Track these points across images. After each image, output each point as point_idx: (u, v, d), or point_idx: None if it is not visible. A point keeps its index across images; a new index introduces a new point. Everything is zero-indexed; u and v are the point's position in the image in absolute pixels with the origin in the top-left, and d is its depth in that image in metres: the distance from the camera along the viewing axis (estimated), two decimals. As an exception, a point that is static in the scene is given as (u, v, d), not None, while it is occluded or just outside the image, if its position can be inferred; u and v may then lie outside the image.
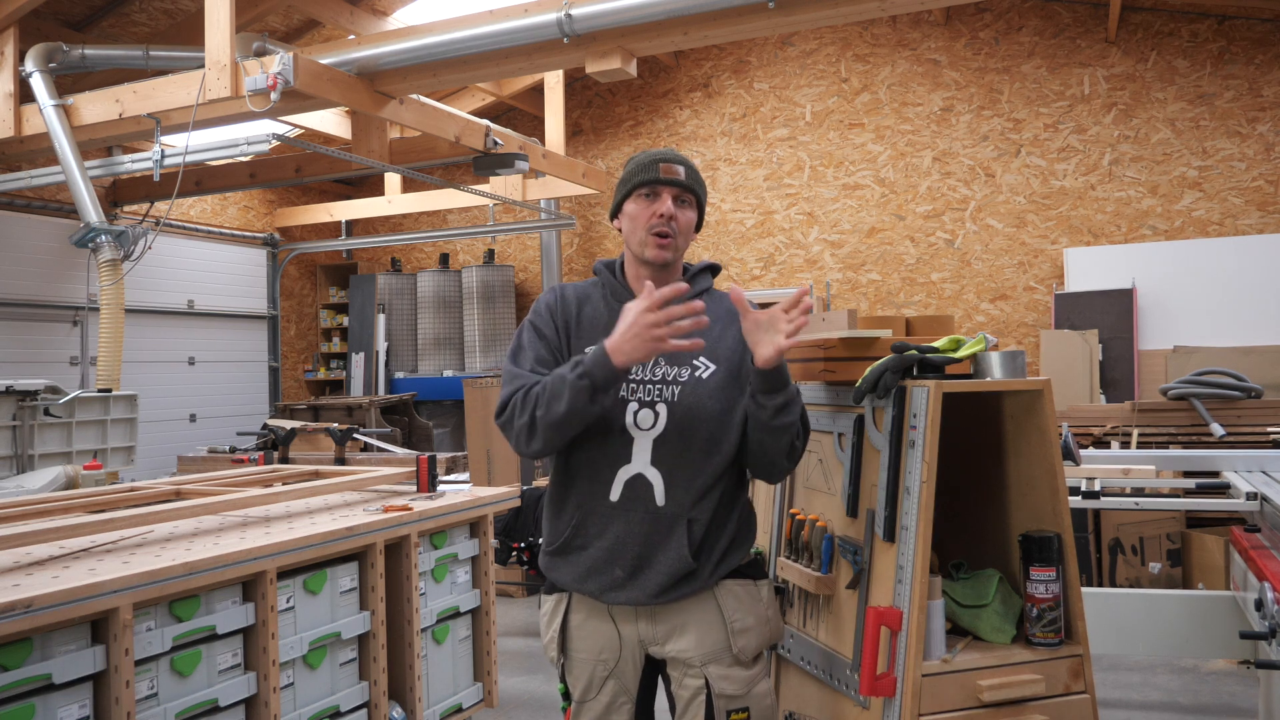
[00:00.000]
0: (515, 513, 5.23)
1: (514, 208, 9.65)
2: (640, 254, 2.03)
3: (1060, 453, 2.09)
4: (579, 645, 2.05)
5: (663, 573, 1.95)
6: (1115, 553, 5.48)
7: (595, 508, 1.99)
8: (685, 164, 2.04)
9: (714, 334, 2.03)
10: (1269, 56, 7.59)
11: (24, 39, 6.48)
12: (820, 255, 8.94)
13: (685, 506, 1.96)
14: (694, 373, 1.99)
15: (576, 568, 2.01)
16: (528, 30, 5.50)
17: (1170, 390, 5.69)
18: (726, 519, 2.03)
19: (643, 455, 1.97)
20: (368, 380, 10.11)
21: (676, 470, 1.97)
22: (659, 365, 2.00)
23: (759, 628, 2.04)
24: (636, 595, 1.96)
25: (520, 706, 4.29)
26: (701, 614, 2.00)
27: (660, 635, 2.01)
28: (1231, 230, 7.64)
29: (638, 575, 1.96)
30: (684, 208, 2.03)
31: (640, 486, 1.96)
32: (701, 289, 2.13)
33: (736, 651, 1.99)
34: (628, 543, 1.96)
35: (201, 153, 6.79)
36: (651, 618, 2.00)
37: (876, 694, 1.94)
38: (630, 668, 2.03)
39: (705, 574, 1.99)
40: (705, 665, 1.98)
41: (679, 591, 1.97)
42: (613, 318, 1.94)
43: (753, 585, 2.06)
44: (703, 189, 2.09)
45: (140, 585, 2.23)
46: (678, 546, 1.95)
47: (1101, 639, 3.51)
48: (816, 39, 8.97)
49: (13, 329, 7.75)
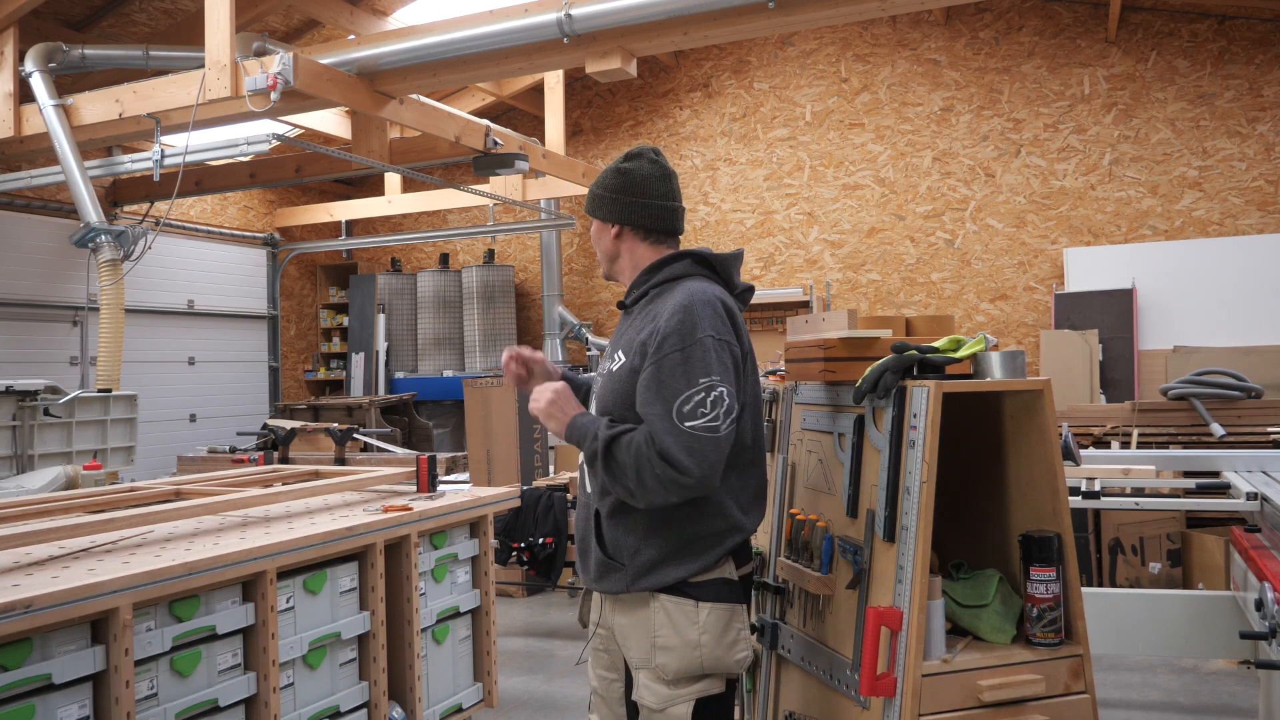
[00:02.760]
0: (515, 513, 5.23)
1: (514, 208, 9.65)
2: None
3: (1060, 453, 2.08)
4: (591, 617, 2.23)
5: (593, 560, 2.07)
6: (1115, 553, 5.48)
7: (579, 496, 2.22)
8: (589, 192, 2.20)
9: (636, 327, 2.05)
10: (1269, 56, 7.59)
11: (24, 39, 6.48)
12: (820, 255, 8.94)
13: (595, 497, 2.08)
14: (609, 365, 2.09)
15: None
16: (528, 30, 5.50)
17: (1170, 390, 5.69)
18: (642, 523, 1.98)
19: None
20: (368, 380, 10.11)
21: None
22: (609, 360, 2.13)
23: (684, 651, 1.94)
24: (587, 580, 2.12)
25: (520, 706, 4.29)
26: (638, 620, 2.02)
27: (615, 628, 2.09)
28: (1231, 230, 7.64)
29: (584, 560, 2.12)
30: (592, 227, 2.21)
31: (585, 476, 2.14)
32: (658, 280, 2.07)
33: (655, 667, 1.98)
34: (578, 528, 2.16)
35: (201, 153, 6.79)
36: (612, 609, 2.09)
37: (876, 694, 1.94)
38: (615, 647, 2.13)
39: (629, 575, 2.00)
40: (637, 670, 2.04)
41: (607, 584, 2.04)
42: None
43: (692, 606, 1.96)
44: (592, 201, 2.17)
45: (140, 585, 2.23)
46: (594, 535, 2.06)
47: (1101, 639, 3.51)
48: (816, 39, 8.97)
49: (13, 329, 7.74)
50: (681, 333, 1.91)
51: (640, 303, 2.10)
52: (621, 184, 2.12)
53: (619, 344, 2.10)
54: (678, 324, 1.91)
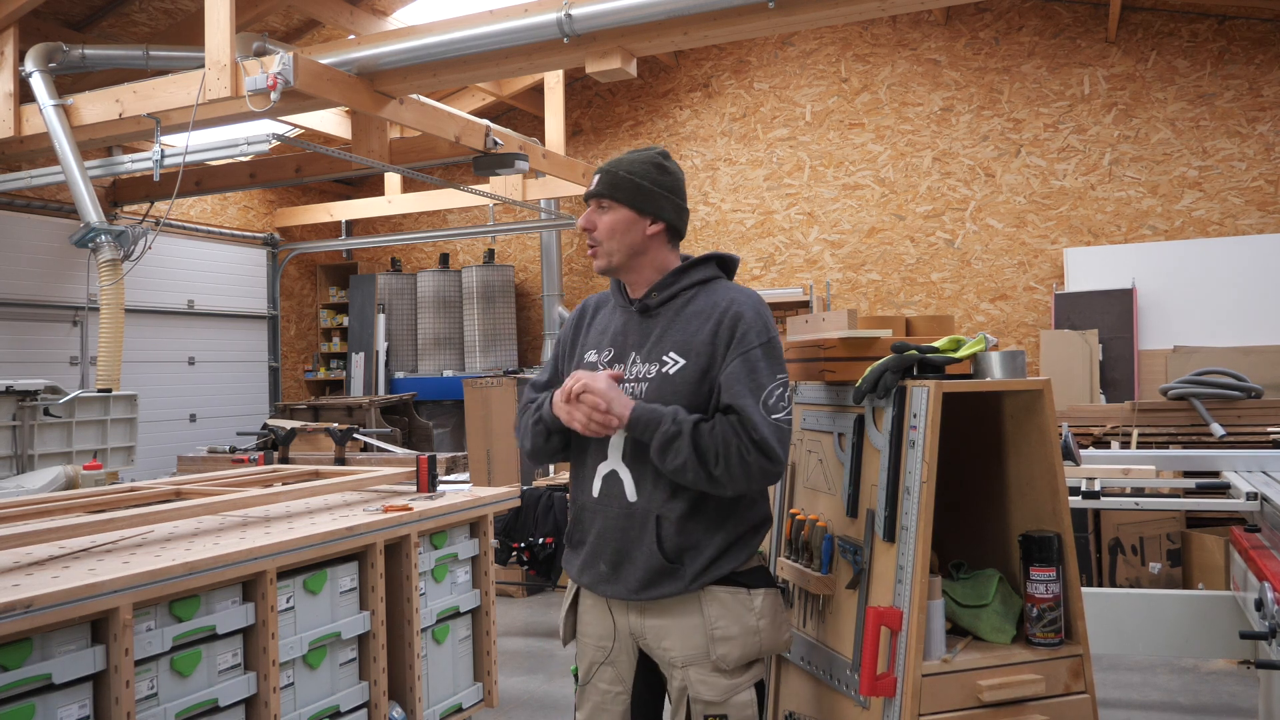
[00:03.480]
0: (515, 513, 5.23)
1: (514, 208, 9.65)
2: None
3: (1060, 453, 2.08)
4: (584, 630, 2.15)
5: (640, 569, 1.99)
6: (1115, 553, 5.48)
7: (584, 503, 2.10)
8: (604, 170, 2.09)
9: (691, 328, 2.03)
10: (1269, 56, 7.59)
11: (24, 39, 6.47)
12: (820, 255, 8.94)
13: (656, 503, 1.99)
14: (662, 368, 2.02)
15: (577, 560, 2.13)
16: (528, 30, 5.50)
17: (1170, 390, 5.69)
18: (711, 521, 2.00)
19: (616, 452, 2.04)
20: (368, 380, 10.11)
21: (644, 466, 2.00)
22: (636, 363, 2.05)
23: (745, 638, 1.98)
24: (620, 590, 2.02)
25: (520, 706, 4.29)
26: (684, 616, 1.99)
27: (648, 631, 2.03)
28: (1231, 230, 7.64)
29: (619, 571, 2.03)
30: (602, 213, 2.08)
31: (614, 483, 2.04)
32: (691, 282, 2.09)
33: (715, 659, 1.97)
34: (607, 538, 2.04)
35: (201, 153, 6.79)
36: (640, 612, 2.04)
37: (876, 694, 1.94)
38: (625, 658, 2.08)
39: (688, 576, 1.97)
40: (686, 667, 1.99)
41: (659, 590, 1.98)
42: (611, 319, 2.15)
43: (745, 594, 2.00)
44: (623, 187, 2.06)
45: (140, 585, 2.23)
46: (650, 544, 1.98)
47: (1101, 639, 3.51)
48: (816, 39, 8.97)
49: (13, 329, 7.74)
50: (758, 329, 2.00)
51: (669, 304, 2.08)
52: (669, 183, 2.11)
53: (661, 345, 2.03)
54: (753, 320, 2.00)
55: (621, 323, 2.13)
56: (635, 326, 2.10)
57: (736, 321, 1.99)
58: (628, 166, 2.09)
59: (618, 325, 2.13)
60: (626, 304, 2.14)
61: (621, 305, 2.15)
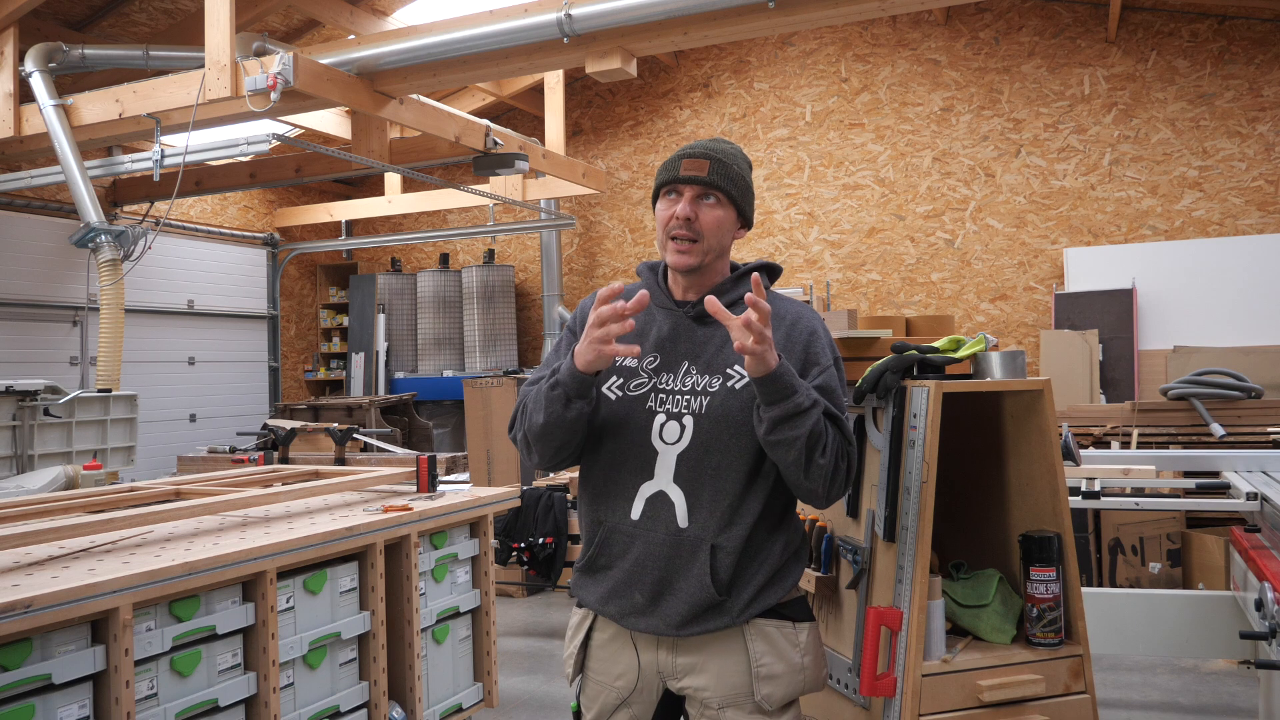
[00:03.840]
0: (515, 513, 5.24)
1: (514, 208, 9.65)
2: (664, 258, 1.90)
3: (1060, 453, 2.08)
4: (597, 667, 1.93)
5: (685, 602, 1.79)
6: (1115, 553, 5.48)
7: (618, 526, 1.86)
8: (714, 157, 1.85)
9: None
10: (1269, 56, 7.59)
11: (24, 39, 6.48)
12: (820, 255, 8.94)
13: (710, 530, 1.78)
14: (726, 382, 1.81)
15: (600, 588, 1.89)
16: (528, 30, 5.50)
17: (1170, 390, 5.69)
18: (764, 550, 1.83)
19: (665, 471, 1.81)
20: (368, 380, 10.11)
21: (701, 489, 1.79)
22: (690, 374, 1.84)
23: (790, 676, 1.82)
24: (657, 624, 1.81)
25: (520, 706, 4.29)
26: (725, 652, 1.82)
27: (680, 669, 1.84)
28: (1231, 230, 7.64)
29: (659, 602, 1.81)
30: (709, 206, 1.84)
31: (662, 505, 1.81)
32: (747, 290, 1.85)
33: (759, 699, 1.80)
34: (648, 566, 1.81)
35: (201, 153, 6.79)
36: (673, 648, 1.84)
37: (876, 694, 1.94)
38: (646, 699, 1.89)
39: (735, 610, 1.79)
40: (723, 709, 1.81)
41: (704, 625, 1.79)
42: (649, 321, 1.91)
43: (790, 628, 1.84)
44: (736, 183, 1.86)
45: (140, 585, 2.23)
46: (700, 574, 1.78)
47: (1101, 639, 3.51)
48: (816, 39, 8.98)
49: (13, 329, 7.74)
50: (830, 347, 1.90)
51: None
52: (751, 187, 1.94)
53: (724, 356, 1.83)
54: (826, 340, 1.89)
55: (669, 327, 1.89)
56: (686, 333, 1.88)
57: (810, 338, 1.86)
58: (733, 158, 1.87)
59: (663, 330, 1.90)
60: (673, 305, 1.91)
61: (666, 307, 1.92)
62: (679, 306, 1.90)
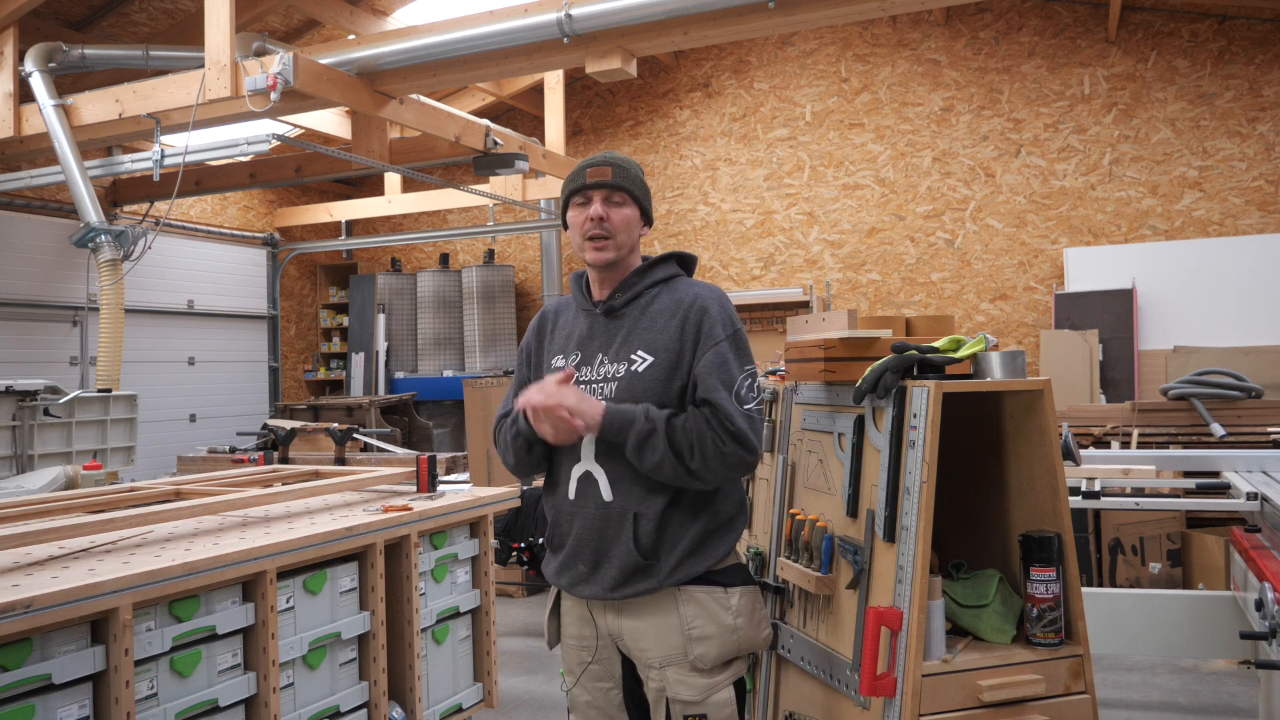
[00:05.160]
0: (515, 513, 5.23)
1: (514, 208, 9.65)
2: (584, 258, 2.10)
3: (1060, 453, 2.08)
4: (568, 632, 2.16)
5: (616, 567, 2.00)
6: (1115, 553, 5.48)
7: (561, 506, 2.09)
8: (615, 164, 2.07)
9: (658, 325, 2.05)
10: (1269, 56, 7.59)
11: (24, 39, 6.47)
12: (820, 255, 8.94)
13: (633, 501, 1.99)
14: (630, 366, 2.02)
15: (554, 563, 2.13)
16: (528, 30, 5.50)
17: (1170, 390, 5.69)
18: (688, 517, 2.01)
19: (589, 452, 2.03)
20: (368, 380, 10.11)
21: (619, 465, 2.00)
22: (603, 364, 2.05)
23: (722, 637, 2.00)
24: (596, 589, 2.03)
25: (520, 706, 4.29)
26: (661, 616, 2.01)
27: (625, 631, 2.04)
28: (1231, 230, 7.64)
29: (597, 570, 2.03)
30: (617, 206, 2.06)
31: (589, 483, 2.04)
32: (654, 280, 2.11)
33: (693, 659, 1.98)
34: (585, 539, 2.04)
35: (201, 153, 6.78)
36: (617, 611, 2.05)
37: (876, 694, 1.94)
38: (610, 654, 2.10)
39: (662, 573, 1.98)
40: (664, 668, 2.00)
41: (634, 588, 1.99)
42: (575, 324, 2.15)
43: (721, 592, 2.02)
44: (636, 184, 2.09)
45: (140, 585, 2.23)
46: (626, 541, 1.98)
47: (1101, 639, 3.51)
48: (816, 39, 8.97)
49: (13, 329, 7.74)
50: (724, 322, 2.02)
51: (632, 304, 2.10)
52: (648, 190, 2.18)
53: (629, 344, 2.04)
54: (718, 314, 2.03)
55: (586, 325, 2.12)
56: (601, 328, 2.10)
57: (702, 316, 2.02)
58: (630, 164, 2.10)
59: (582, 329, 2.13)
60: (590, 306, 2.13)
61: (585, 308, 2.15)
62: (595, 306, 2.12)
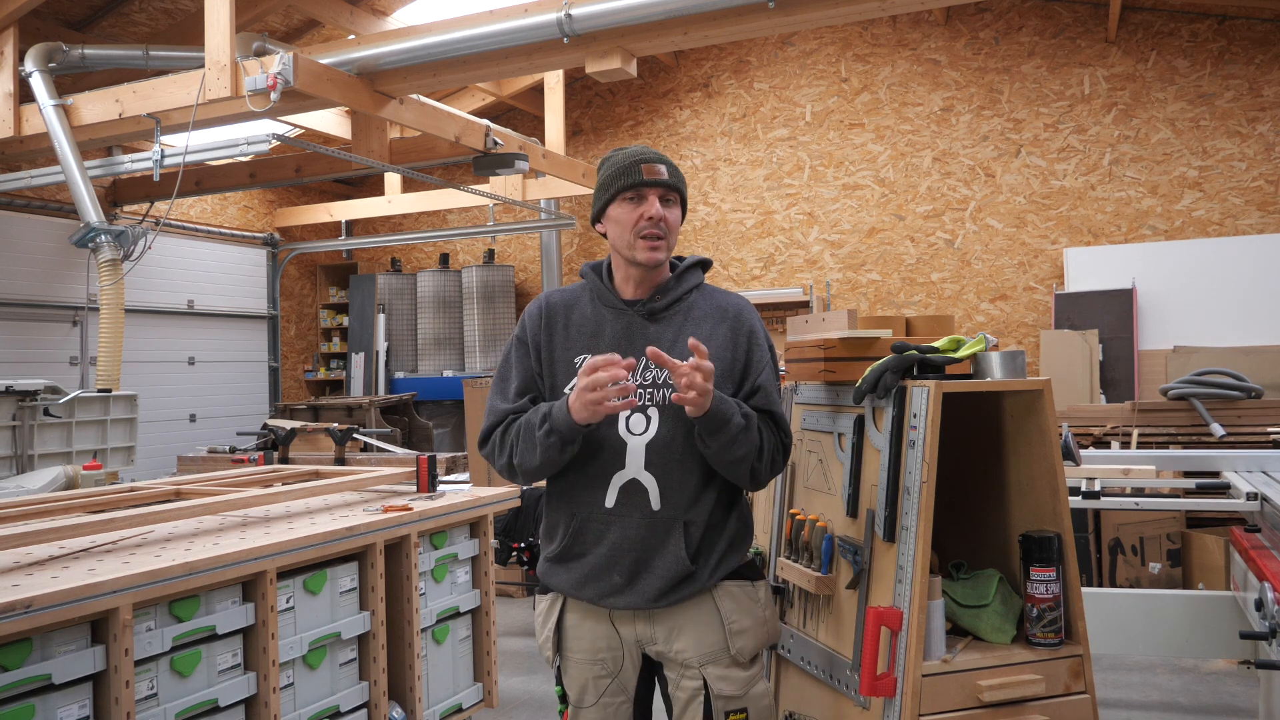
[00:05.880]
0: (515, 513, 5.23)
1: (514, 208, 9.65)
2: (631, 257, 2.01)
3: (1060, 453, 2.08)
4: (575, 646, 2.06)
5: (661, 576, 1.96)
6: (1115, 553, 5.48)
7: (592, 515, 2.00)
8: (666, 162, 2.02)
9: (704, 331, 2.02)
10: (1269, 56, 7.59)
11: (24, 39, 6.47)
12: (820, 255, 8.94)
13: (681, 509, 1.97)
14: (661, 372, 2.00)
15: (574, 574, 2.02)
16: (528, 30, 5.50)
17: (1170, 390, 5.69)
18: (724, 520, 2.04)
19: (636, 460, 1.96)
20: (368, 380, 10.11)
21: (670, 473, 1.96)
22: (649, 369, 1.98)
23: (756, 629, 2.05)
24: (635, 600, 1.97)
25: (520, 706, 4.29)
26: (699, 615, 2.00)
27: (659, 635, 2.01)
28: (1231, 230, 7.64)
29: (636, 580, 1.97)
30: (670, 207, 2.02)
31: (635, 492, 1.97)
32: (690, 285, 2.09)
33: (734, 653, 2.00)
34: (625, 548, 1.97)
35: (201, 153, 6.78)
36: (650, 619, 2.01)
37: (876, 694, 1.94)
38: (629, 667, 2.05)
39: (704, 576, 1.99)
40: (703, 666, 1.99)
41: (678, 594, 1.97)
42: (600, 322, 2.05)
43: (750, 586, 2.07)
44: (685, 185, 2.08)
45: (140, 585, 2.23)
46: (675, 549, 1.95)
47: (1101, 639, 3.51)
48: (816, 39, 8.97)
49: (13, 329, 7.74)
50: (767, 336, 2.10)
51: (673, 307, 2.05)
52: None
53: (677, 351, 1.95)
54: (761, 329, 2.09)
55: (623, 326, 2.03)
56: (640, 331, 2.02)
57: (752, 331, 2.06)
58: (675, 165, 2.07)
59: (617, 329, 2.03)
60: (623, 305, 2.05)
61: (615, 306, 2.05)
62: (629, 306, 2.04)
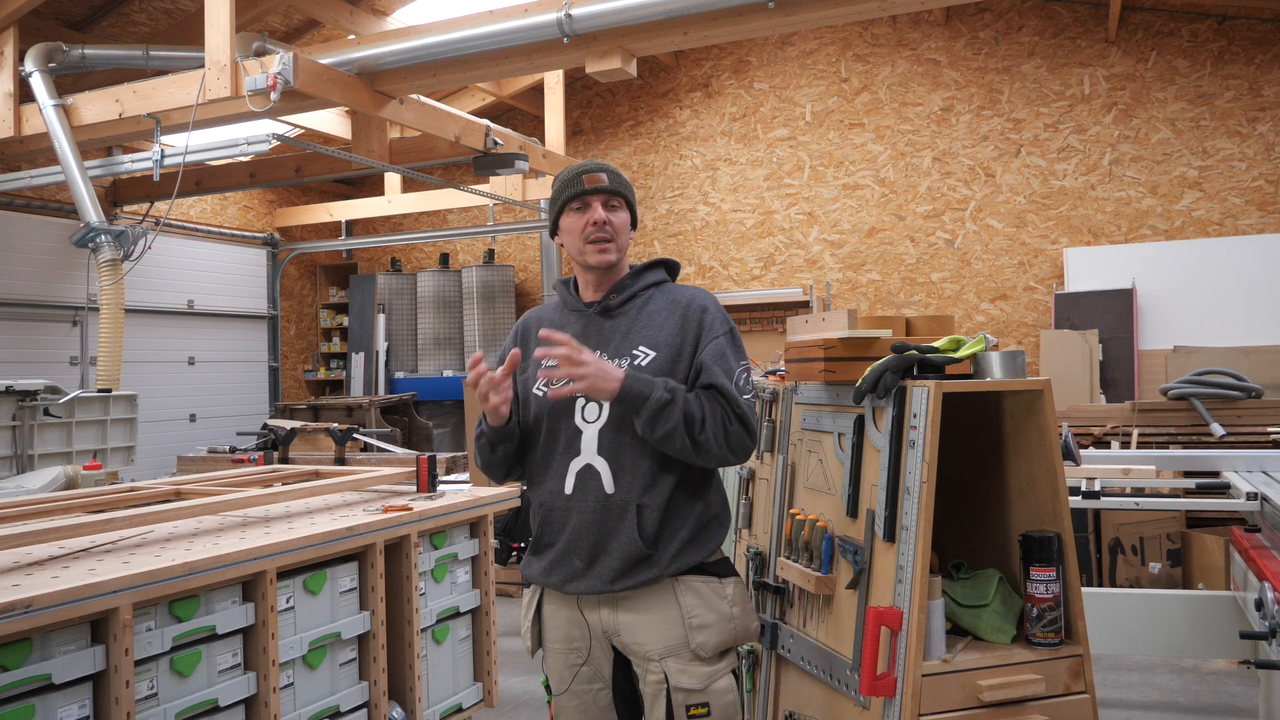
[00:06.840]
0: (515, 513, 5.21)
1: (514, 208, 9.65)
2: (584, 261, 2.14)
3: (1060, 453, 2.08)
4: (552, 635, 2.15)
5: (617, 558, 2.01)
6: (1115, 553, 5.48)
7: (554, 503, 2.10)
8: (608, 170, 2.15)
9: (657, 323, 2.11)
10: (1269, 56, 7.59)
11: (24, 39, 6.47)
12: (820, 255, 8.94)
13: (635, 493, 2.02)
14: (632, 361, 2.07)
15: (544, 562, 2.12)
16: (528, 30, 5.50)
17: (1170, 390, 5.69)
18: (686, 508, 2.06)
19: (590, 446, 2.06)
20: (368, 380, 10.11)
21: (622, 457, 2.03)
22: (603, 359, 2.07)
23: (720, 625, 2.05)
24: (594, 583, 2.04)
25: (520, 706, 4.29)
26: (660, 608, 2.03)
27: (621, 626, 2.05)
28: (1231, 230, 7.64)
29: (594, 563, 2.04)
30: (614, 211, 2.14)
31: (590, 477, 2.05)
32: (648, 282, 2.19)
33: (695, 647, 2.02)
34: (583, 533, 2.05)
35: (201, 153, 6.78)
36: (613, 605, 2.06)
37: (876, 694, 1.94)
38: (601, 653, 2.10)
39: (663, 562, 2.02)
40: (664, 659, 2.02)
41: (635, 578, 2.01)
42: (564, 325, 2.17)
43: (718, 582, 2.07)
44: (629, 189, 2.19)
45: (140, 585, 2.23)
46: (629, 531, 2.01)
47: (1101, 639, 3.51)
48: (816, 39, 8.97)
49: (13, 329, 7.74)
50: (721, 320, 2.13)
51: (628, 304, 2.16)
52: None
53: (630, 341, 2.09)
54: (716, 312, 2.13)
55: (581, 325, 2.16)
56: (596, 327, 2.15)
57: (702, 314, 2.11)
58: (618, 170, 2.19)
59: (576, 329, 2.14)
60: (582, 307, 2.18)
61: (576, 309, 2.19)
62: (587, 307, 2.17)
